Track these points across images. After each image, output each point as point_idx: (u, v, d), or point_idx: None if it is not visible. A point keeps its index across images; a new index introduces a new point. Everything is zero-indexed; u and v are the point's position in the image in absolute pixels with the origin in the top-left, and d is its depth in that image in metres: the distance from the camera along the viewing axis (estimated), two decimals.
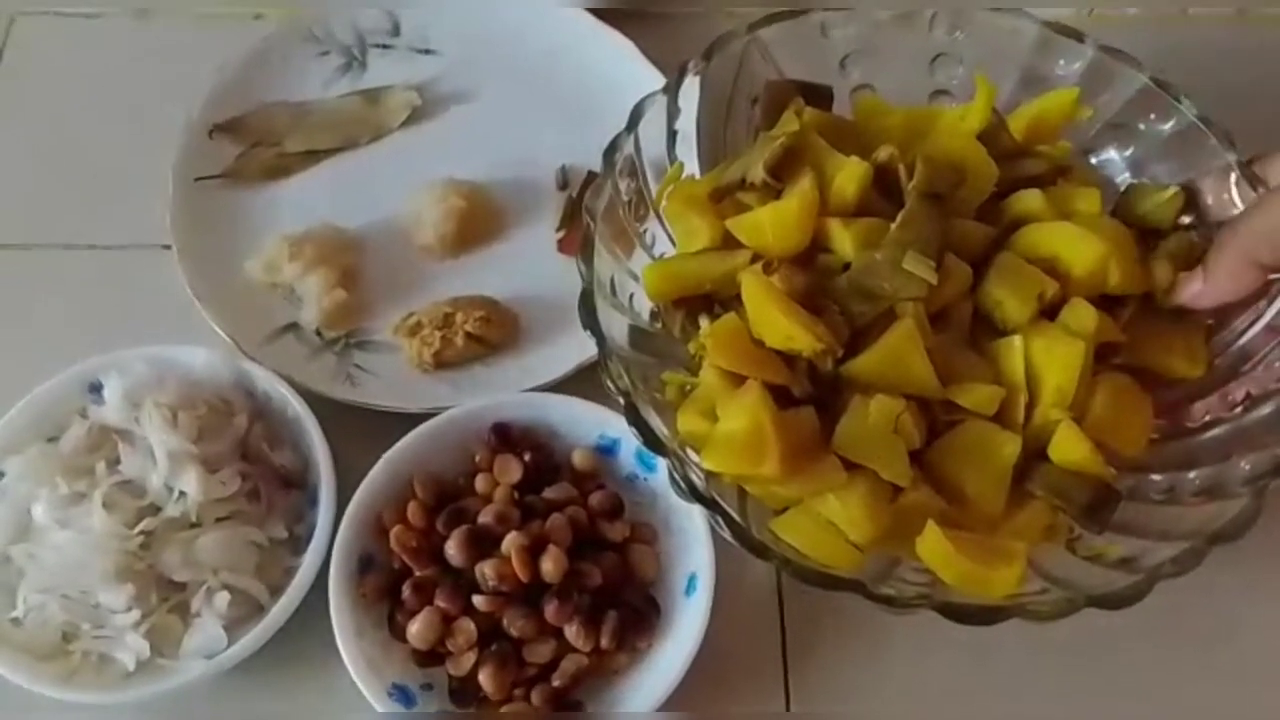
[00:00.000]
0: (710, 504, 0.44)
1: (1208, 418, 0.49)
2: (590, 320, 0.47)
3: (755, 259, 0.48)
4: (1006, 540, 0.45)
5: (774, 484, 0.45)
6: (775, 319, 0.45)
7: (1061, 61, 0.53)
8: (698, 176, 0.53)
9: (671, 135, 0.53)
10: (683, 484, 0.44)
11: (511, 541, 0.50)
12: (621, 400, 0.45)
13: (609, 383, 0.46)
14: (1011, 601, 0.42)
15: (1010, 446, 0.45)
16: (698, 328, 0.49)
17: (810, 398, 0.46)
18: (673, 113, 0.52)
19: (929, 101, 0.55)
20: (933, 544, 0.43)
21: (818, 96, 0.53)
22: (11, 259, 0.65)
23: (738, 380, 0.46)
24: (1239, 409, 0.48)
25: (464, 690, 0.51)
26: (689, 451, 0.46)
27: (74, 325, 0.62)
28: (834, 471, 0.45)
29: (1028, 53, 0.53)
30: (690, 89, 0.52)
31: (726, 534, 0.44)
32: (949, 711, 0.53)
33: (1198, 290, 0.48)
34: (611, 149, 0.50)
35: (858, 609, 0.43)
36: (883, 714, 0.53)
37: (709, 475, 0.45)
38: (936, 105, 0.55)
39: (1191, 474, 0.47)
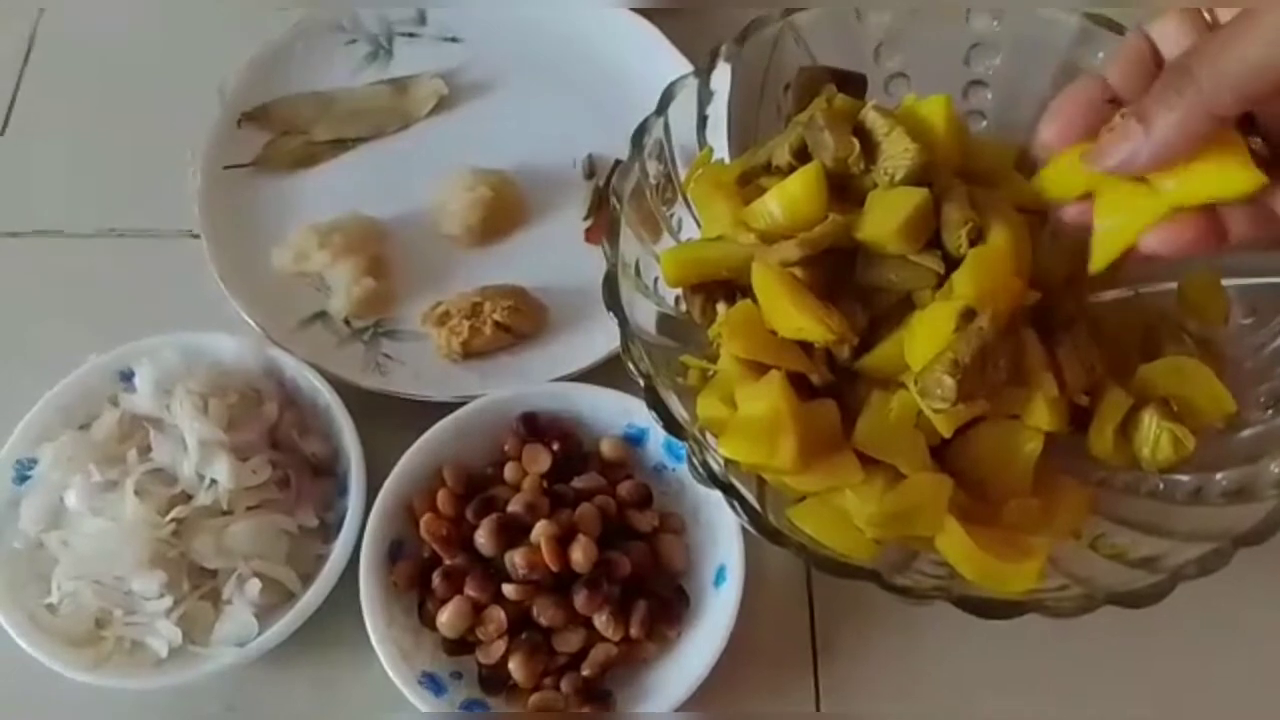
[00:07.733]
0: (728, 489, 0.43)
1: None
2: (613, 302, 0.46)
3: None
4: (1027, 536, 0.44)
5: (788, 475, 0.44)
6: (786, 310, 0.45)
7: (1101, 54, 0.52)
8: (727, 162, 0.53)
9: (702, 120, 0.52)
10: (701, 469, 0.44)
11: (541, 530, 0.50)
12: (642, 383, 0.45)
13: (630, 365, 0.45)
14: (1029, 597, 0.42)
15: (1032, 443, 0.45)
16: (717, 313, 0.49)
17: (830, 386, 0.46)
18: (704, 97, 0.52)
19: (964, 93, 0.54)
20: (952, 539, 0.43)
21: (851, 84, 0.52)
22: (40, 246, 0.66)
23: (755, 367, 0.45)
24: (1270, 411, 0.47)
25: (494, 679, 0.51)
26: (708, 437, 0.46)
27: (103, 313, 0.62)
28: (851, 468, 0.44)
29: (1067, 44, 0.52)
30: (722, 74, 0.51)
31: (744, 520, 0.43)
32: (981, 709, 0.53)
33: (1135, 147, 0.37)
34: (641, 131, 0.50)
35: (888, 603, 0.43)
36: (913, 711, 0.53)
37: (727, 461, 0.44)
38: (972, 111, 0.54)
39: (1219, 475, 0.46)
